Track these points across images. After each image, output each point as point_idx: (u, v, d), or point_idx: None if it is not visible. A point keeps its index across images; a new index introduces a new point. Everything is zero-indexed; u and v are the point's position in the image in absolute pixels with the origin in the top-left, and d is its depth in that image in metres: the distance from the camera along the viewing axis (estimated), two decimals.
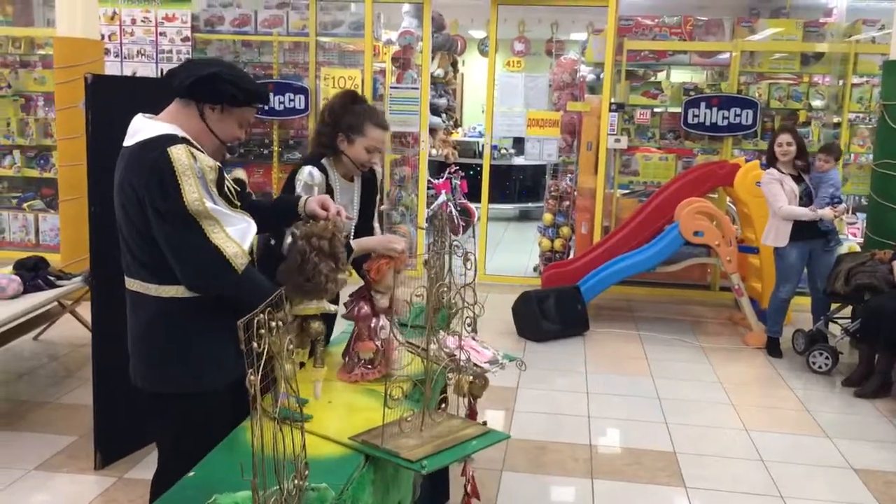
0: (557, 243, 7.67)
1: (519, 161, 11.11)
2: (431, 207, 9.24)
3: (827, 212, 5.34)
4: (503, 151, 11.37)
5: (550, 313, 5.99)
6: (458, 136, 12.05)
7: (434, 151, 9.48)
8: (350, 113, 2.87)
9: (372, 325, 2.59)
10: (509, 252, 9.08)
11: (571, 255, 7.44)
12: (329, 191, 2.85)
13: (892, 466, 3.97)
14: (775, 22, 7.20)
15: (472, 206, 9.47)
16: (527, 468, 3.84)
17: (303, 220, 2.46)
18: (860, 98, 7.04)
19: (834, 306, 5.67)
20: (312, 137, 3.06)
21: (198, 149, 2.19)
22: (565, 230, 7.65)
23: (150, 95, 2.45)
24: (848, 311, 5.66)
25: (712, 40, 7.22)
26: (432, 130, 9.19)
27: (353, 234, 2.96)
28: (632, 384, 5.08)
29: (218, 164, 2.20)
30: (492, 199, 8.51)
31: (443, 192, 9.47)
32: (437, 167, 10.21)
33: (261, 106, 2.48)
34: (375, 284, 2.62)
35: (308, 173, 2.80)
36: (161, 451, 2.44)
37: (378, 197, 3.18)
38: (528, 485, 3.68)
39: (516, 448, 4.06)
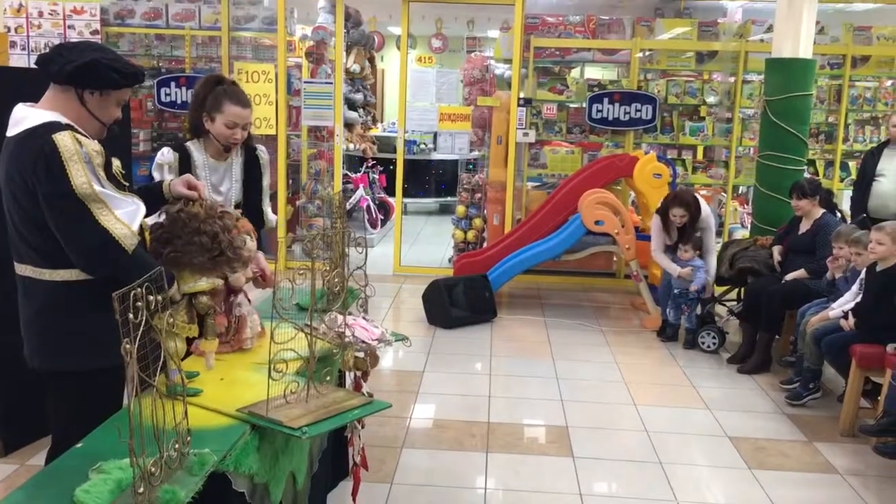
0: (470, 234, 7.91)
1: (438, 156, 11.28)
2: (349, 201, 9.36)
3: (686, 272, 5.71)
4: (423, 146, 11.53)
5: (459, 301, 6.20)
6: (377, 131, 12.16)
7: (351, 146, 9.59)
8: (211, 94, 3.02)
9: (231, 300, 2.74)
10: (428, 244, 9.27)
11: (485, 246, 7.67)
12: (188, 169, 3.00)
13: (763, 434, 4.32)
14: (671, 22, 7.56)
15: (391, 199, 9.63)
16: (424, 445, 4.03)
17: (171, 202, 2.58)
18: (750, 94, 7.46)
19: (721, 289, 6.05)
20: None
21: (82, 134, 2.29)
22: (478, 222, 7.88)
23: (44, 86, 2.48)
24: (736, 294, 6.06)
25: (614, 38, 7.54)
26: (349, 125, 9.30)
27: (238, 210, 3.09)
28: (533, 366, 5.33)
29: (103, 148, 2.31)
30: (411, 194, 8.60)
31: (360, 186, 9.62)
32: (357, 162, 10.34)
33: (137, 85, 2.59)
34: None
35: (159, 153, 2.97)
36: (56, 428, 2.53)
37: (265, 180, 3.30)
38: (424, 460, 3.87)
39: (417, 427, 4.25)
